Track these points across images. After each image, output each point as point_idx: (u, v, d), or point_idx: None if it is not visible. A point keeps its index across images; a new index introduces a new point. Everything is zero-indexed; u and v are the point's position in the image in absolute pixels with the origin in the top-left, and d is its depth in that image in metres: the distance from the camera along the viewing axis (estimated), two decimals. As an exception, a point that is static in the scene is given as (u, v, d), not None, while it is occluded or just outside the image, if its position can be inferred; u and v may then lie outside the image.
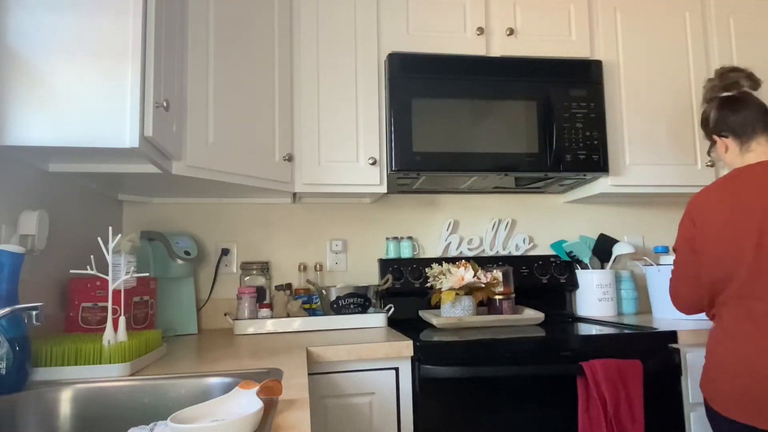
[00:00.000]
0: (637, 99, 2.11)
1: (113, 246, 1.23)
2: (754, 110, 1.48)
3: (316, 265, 2.18)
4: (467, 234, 2.30)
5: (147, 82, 1.25)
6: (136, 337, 1.24)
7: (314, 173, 1.89)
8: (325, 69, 1.93)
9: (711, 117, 1.54)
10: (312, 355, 1.46)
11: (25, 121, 1.16)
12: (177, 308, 1.89)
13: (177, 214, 2.11)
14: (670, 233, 2.45)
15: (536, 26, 2.07)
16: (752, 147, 1.47)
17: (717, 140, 1.53)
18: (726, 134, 1.51)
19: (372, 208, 2.27)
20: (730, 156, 1.51)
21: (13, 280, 1.03)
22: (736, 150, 1.50)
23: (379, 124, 1.94)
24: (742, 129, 1.48)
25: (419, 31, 2.00)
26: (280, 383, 0.91)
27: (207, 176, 1.59)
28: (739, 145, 1.49)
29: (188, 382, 1.09)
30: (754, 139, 1.47)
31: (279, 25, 1.88)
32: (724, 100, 1.53)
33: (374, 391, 1.51)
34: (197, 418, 0.80)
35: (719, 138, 1.52)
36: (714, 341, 1.39)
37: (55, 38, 1.19)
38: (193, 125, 1.54)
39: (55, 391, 1.05)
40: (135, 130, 1.21)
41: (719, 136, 1.52)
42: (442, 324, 1.80)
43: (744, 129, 1.48)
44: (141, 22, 1.24)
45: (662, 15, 2.17)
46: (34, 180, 1.38)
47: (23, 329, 1.04)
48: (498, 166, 1.90)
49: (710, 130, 1.55)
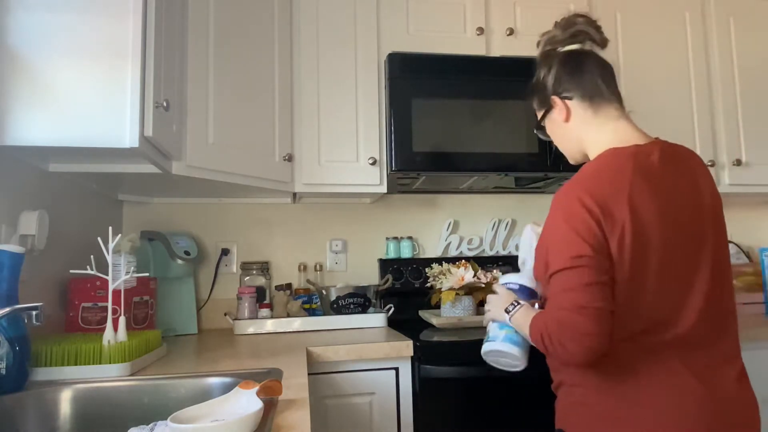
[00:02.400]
0: (637, 99, 2.11)
1: (113, 246, 1.23)
2: (602, 68, 1.17)
3: (316, 265, 2.18)
4: (467, 234, 2.30)
5: (147, 82, 1.25)
6: (136, 337, 1.24)
7: (314, 173, 1.89)
8: (325, 69, 1.93)
9: (550, 75, 1.17)
10: (312, 355, 1.46)
11: (25, 121, 1.16)
12: (177, 308, 1.89)
13: (177, 214, 2.11)
14: (670, 233, 2.44)
15: (536, 26, 2.06)
16: (609, 113, 1.14)
17: (557, 103, 1.16)
18: (569, 95, 1.15)
19: (372, 208, 2.27)
20: (576, 124, 1.15)
21: (13, 280, 1.03)
22: (585, 116, 1.14)
23: (379, 124, 1.94)
24: (593, 89, 1.14)
25: (419, 31, 2.00)
26: (280, 383, 0.91)
27: (207, 176, 1.59)
28: (589, 109, 1.14)
29: (188, 382, 1.09)
30: (608, 103, 1.14)
31: (279, 25, 1.88)
32: (568, 54, 1.18)
33: (374, 391, 1.51)
34: (197, 418, 0.80)
35: (560, 100, 1.16)
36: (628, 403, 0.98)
37: (56, 38, 1.19)
38: (193, 125, 1.54)
39: (55, 391, 1.05)
40: (135, 130, 1.21)
41: (560, 97, 1.16)
42: (442, 324, 1.80)
43: (596, 89, 1.14)
44: (141, 22, 1.23)
45: (662, 15, 2.17)
46: (34, 180, 1.38)
47: (23, 329, 1.04)
48: (498, 166, 1.90)
49: (547, 92, 1.18)
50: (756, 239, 2.51)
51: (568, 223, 1.00)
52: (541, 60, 1.22)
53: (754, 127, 2.18)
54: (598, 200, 0.99)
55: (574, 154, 1.22)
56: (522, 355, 1.19)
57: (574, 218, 0.99)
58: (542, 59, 1.22)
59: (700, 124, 2.14)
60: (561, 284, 0.98)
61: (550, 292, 1.02)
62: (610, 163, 1.06)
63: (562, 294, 0.97)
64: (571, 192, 1.03)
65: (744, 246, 2.45)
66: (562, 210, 1.03)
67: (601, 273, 0.96)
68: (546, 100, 1.19)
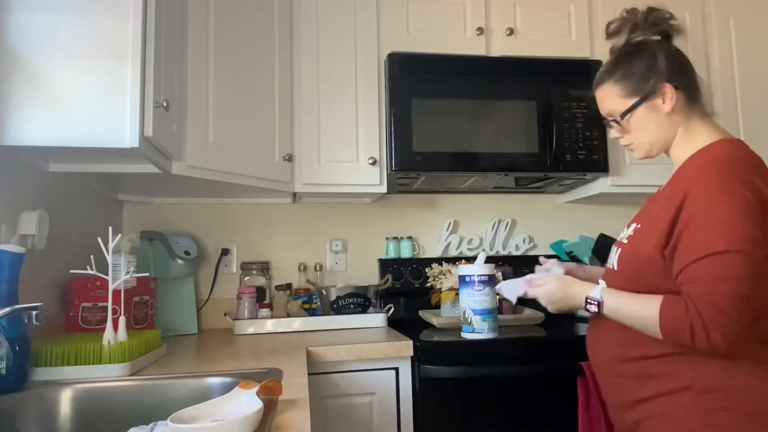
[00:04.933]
0: (637, 99, 2.11)
1: (113, 246, 1.23)
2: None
3: (316, 265, 2.18)
4: (467, 234, 2.30)
5: (147, 82, 1.25)
6: (136, 337, 1.24)
7: (314, 173, 1.89)
8: (325, 69, 1.93)
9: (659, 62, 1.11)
10: (312, 355, 1.46)
11: (25, 121, 1.16)
12: (177, 308, 1.89)
13: (177, 214, 2.11)
14: (670, 233, 2.44)
15: (536, 26, 2.07)
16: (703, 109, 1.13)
17: (666, 92, 1.10)
18: (678, 84, 1.10)
19: (372, 208, 2.27)
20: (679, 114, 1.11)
21: (13, 280, 1.03)
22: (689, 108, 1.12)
23: (379, 124, 1.94)
24: (696, 82, 1.13)
25: (419, 31, 2.00)
26: (280, 383, 0.91)
27: (207, 176, 1.59)
28: (693, 101, 1.12)
29: (188, 382, 1.09)
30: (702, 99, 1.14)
31: (279, 25, 1.88)
32: (670, 45, 1.15)
33: (374, 391, 1.51)
34: (197, 418, 0.80)
35: (672, 88, 1.10)
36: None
37: (56, 38, 1.19)
38: (193, 125, 1.54)
39: (55, 391, 1.05)
40: (135, 130, 1.21)
41: (673, 85, 1.10)
42: (442, 324, 1.80)
43: (697, 83, 1.13)
44: (141, 22, 1.23)
45: (662, 15, 2.17)
46: (34, 180, 1.38)
47: (23, 329, 1.04)
48: (498, 166, 1.90)
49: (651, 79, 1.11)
50: (756, 239, 2.51)
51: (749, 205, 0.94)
52: (635, 47, 1.15)
53: (754, 126, 2.18)
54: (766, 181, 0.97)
55: (658, 145, 1.16)
56: None
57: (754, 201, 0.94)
58: (637, 46, 1.14)
59: (700, 124, 2.14)
60: (721, 268, 0.92)
61: (699, 275, 0.94)
62: (750, 151, 1.05)
63: (724, 281, 0.91)
64: (747, 171, 0.98)
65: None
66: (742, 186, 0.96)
67: (763, 263, 0.92)
68: (645, 88, 1.11)
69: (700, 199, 0.97)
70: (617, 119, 1.17)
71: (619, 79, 1.15)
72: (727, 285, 0.91)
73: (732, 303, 0.90)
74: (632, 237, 1.11)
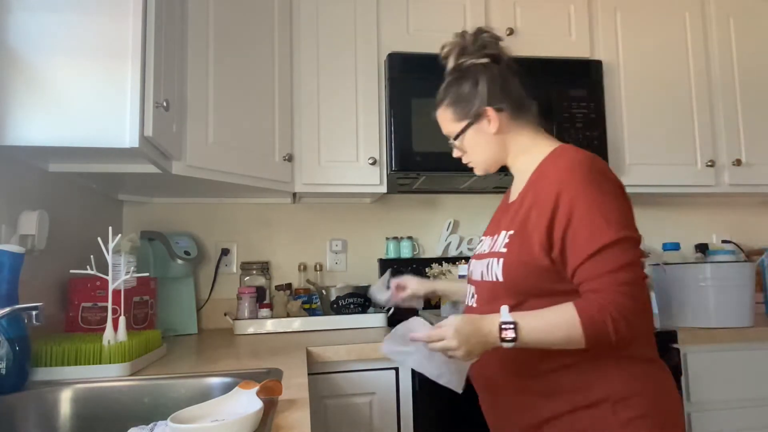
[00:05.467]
0: (637, 99, 2.11)
1: (113, 246, 1.23)
2: (519, 78, 1.18)
3: (316, 265, 2.18)
4: (467, 234, 2.30)
5: (147, 82, 1.25)
6: (136, 337, 1.24)
7: (314, 173, 1.89)
8: (325, 69, 1.93)
9: (480, 86, 1.13)
10: (312, 355, 1.46)
11: (25, 121, 1.16)
12: (177, 308, 1.89)
13: (177, 214, 2.11)
14: (669, 233, 2.44)
15: (536, 26, 2.07)
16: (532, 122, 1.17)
17: (489, 114, 1.13)
18: (501, 106, 1.13)
19: (372, 208, 2.27)
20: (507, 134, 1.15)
21: (13, 280, 1.03)
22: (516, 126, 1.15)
23: (379, 124, 1.94)
24: (520, 99, 1.15)
25: (419, 31, 2.00)
26: (280, 383, 0.91)
27: (207, 176, 1.59)
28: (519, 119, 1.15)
29: (188, 382, 1.09)
30: (530, 113, 1.17)
31: (279, 25, 1.88)
32: (492, 67, 1.16)
33: (374, 391, 1.51)
34: (197, 418, 0.80)
35: (494, 111, 1.12)
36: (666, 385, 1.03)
37: (56, 38, 1.19)
38: (193, 125, 1.54)
39: (55, 391, 1.05)
40: (135, 130, 1.21)
41: (494, 108, 1.12)
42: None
43: (522, 99, 1.16)
44: (141, 22, 1.23)
45: (662, 15, 2.17)
46: (34, 180, 1.38)
47: (23, 329, 1.04)
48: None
49: (474, 103, 1.14)
50: (756, 239, 2.51)
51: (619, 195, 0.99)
52: (460, 71, 1.17)
53: (754, 127, 2.18)
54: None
55: (489, 164, 1.20)
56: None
57: (621, 191, 1.00)
58: (460, 70, 1.17)
59: (700, 124, 2.14)
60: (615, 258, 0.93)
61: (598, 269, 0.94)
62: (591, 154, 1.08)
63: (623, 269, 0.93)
64: (604, 166, 1.03)
65: (744, 246, 2.45)
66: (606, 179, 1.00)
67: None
68: (470, 112, 1.15)
69: (575, 197, 0.97)
70: (452, 141, 1.21)
71: (449, 104, 1.18)
72: (626, 272, 0.93)
73: (635, 288, 0.93)
74: (510, 245, 1.05)
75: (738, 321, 1.71)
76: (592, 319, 0.91)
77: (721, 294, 1.72)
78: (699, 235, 2.46)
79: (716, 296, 1.73)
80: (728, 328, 1.70)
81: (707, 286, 1.73)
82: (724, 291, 1.72)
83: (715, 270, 1.74)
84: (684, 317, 1.78)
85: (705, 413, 1.64)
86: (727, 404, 1.66)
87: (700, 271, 1.75)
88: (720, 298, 1.72)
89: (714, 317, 1.72)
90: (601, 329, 0.91)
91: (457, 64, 1.17)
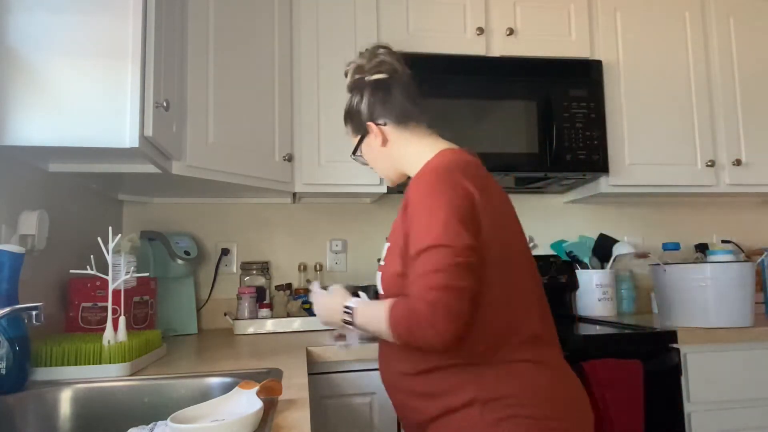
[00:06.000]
0: (637, 99, 2.11)
1: (113, 246, 1.23)
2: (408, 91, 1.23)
3: (316, 265, 2.18)
4: (467, 234, 2.29)
5: (147, 82, 1.25)
6: (136, 337, 1.24)
7: (314, 173, 1.89)
8: (325, 68, 1.93)
9: (363, 103, 1.21)
10: (312, 355, 1.46)
11: (25, 121, 1.16)
12: (177, 308, 1.89)
13: (177, 214, 2.11)
14: (670, 233, 2.45)
15: (536, 26, 2.07)
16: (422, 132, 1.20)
17: (372, 129, 1.20)
18: (384, 121, 1.19)
19: (372, 208, 2.27)
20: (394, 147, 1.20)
21: (13, 280, 1.03)
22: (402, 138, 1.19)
23: (379, 124, 1.94)
24: (404, 112, 1.19)
25: (419, 31, 2.00)
26: (280, 383, 0.91)
27: (207, 176, 1.59)
28: (405, 131, 1.19)
29: (188, 382, 1.09)
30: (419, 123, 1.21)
31: (279, 25, 1.88)
32: (376, 82, 1.22)
33: (374, 391, 1.51)
34: (197, 418, 0.80)
35: (376, 126, 1.19)
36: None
37: (55, 38, 1.19)
38: (193, 125, 1.54)
39: (55, 391, 1.05)
40: (135, 129, 1.21)
41: (375, 123, 1.19)
42: (442, 324, 1.80)
43: (407, 112, 1.20)
44: (141, 22, 1.23)
45: (662, 15, 2.17)
46: (34, 180, 1.38)
47: (23, 329, 1.04)
48: (498, 166, 1.90)
49: (362, 118, 1.21)
50: (756, 239, 2.51)
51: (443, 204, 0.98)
52: (352, 88, 1.25)
53: (754, 127, 2.18)
54: (476, 183, 1.02)
55: (391, 175, 1.25)
56: None
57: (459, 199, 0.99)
58: (353, 87, 1.25)
59: (700, 124, 2.14)
60: (426, 264, 0.94)
61: (413, 272, 0.96)
62: (462, 157, 1.09)
63: (432, 274, 0.93)
64: (445, 174, 1.02)
65: (744, 246, 2.45)
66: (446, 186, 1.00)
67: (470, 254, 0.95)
68: (361, 127, 1.22)
69: (414, 205, 1.01)
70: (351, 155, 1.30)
71: (346, 121, 1.27)
72: (435, 278, 0.92)
73: (443, 294, 0.91)
74: (385, 258, 1.10)
75: (738, 321, 1.72)
76: (398, 321, 0.95)
77: (721, 294, 1.72)
78: (699, 235, 2.46)
79: (716, 296, 1.73)
80: (728, 328, 1.70)
81: (707, 286, 1.74)
82: (724, 291, 1.73)
83: (715, 270, 1.74)
84: (684, 317, 1.78)
85: (705, 413, 1.64)
86: (727, 404, 1.66)
87: (700, 271, 1.76)
88: (720, 298, 1.72)
89: (714, 317, 1.72)
90: (405, 333, 0.95)
91: (351, 82, 1.25)
